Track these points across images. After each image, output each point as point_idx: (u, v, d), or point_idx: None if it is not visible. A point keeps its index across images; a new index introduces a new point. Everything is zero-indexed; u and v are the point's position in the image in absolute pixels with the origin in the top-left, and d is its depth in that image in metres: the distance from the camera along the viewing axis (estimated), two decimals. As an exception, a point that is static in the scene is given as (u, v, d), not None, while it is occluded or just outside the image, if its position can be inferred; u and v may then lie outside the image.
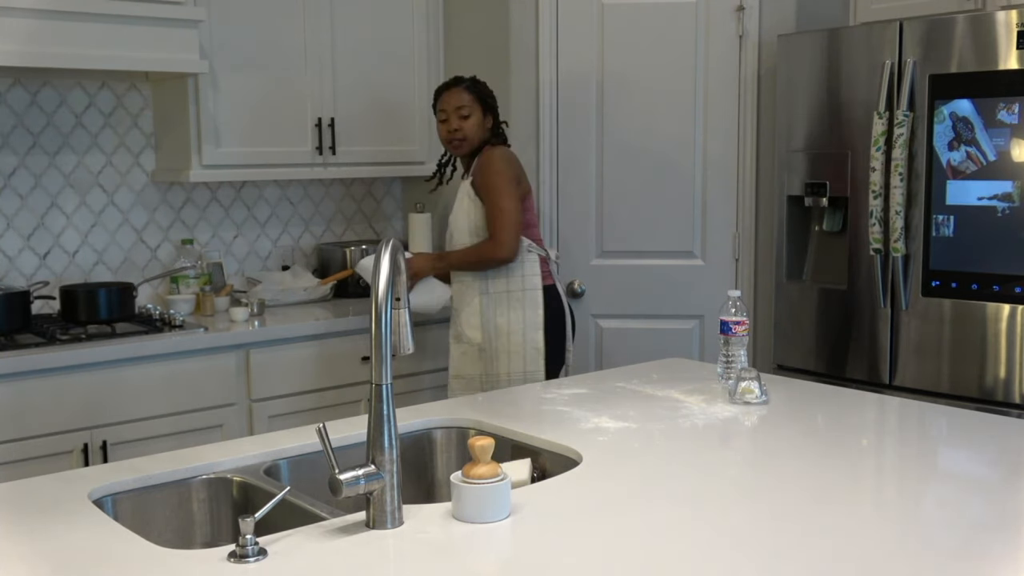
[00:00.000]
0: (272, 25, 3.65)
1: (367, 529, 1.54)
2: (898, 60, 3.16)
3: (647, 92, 3.73)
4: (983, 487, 1.71)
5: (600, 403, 2.27)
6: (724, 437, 2.04)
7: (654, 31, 3.71)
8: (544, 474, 1.95)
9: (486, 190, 3.18)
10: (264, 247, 4.05)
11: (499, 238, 3.15)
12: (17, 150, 3.49)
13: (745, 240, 3.76)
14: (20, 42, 2.99)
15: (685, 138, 3.74)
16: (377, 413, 1.55)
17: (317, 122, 3.76)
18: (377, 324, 1.56)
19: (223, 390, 3.29)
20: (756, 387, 2.25)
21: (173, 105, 3.60)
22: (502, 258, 3.17)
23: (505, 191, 3.16)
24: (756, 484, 1.76)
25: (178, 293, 3.67)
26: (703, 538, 1.50)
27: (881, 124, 3.16)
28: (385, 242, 1.62)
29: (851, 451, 1.92)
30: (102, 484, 1.75)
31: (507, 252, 3.16)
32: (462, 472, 1.57)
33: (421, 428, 2.15)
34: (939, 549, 1.45)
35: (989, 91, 2.95)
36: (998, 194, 2.96)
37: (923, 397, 3.04)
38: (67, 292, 3.30)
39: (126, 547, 1.48)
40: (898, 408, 2.28)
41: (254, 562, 1.42)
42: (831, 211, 3.44)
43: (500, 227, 3.15)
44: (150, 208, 3.77)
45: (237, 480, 1.86)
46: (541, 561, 1.43)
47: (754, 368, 2.33)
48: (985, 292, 3.01)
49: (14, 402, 2.91)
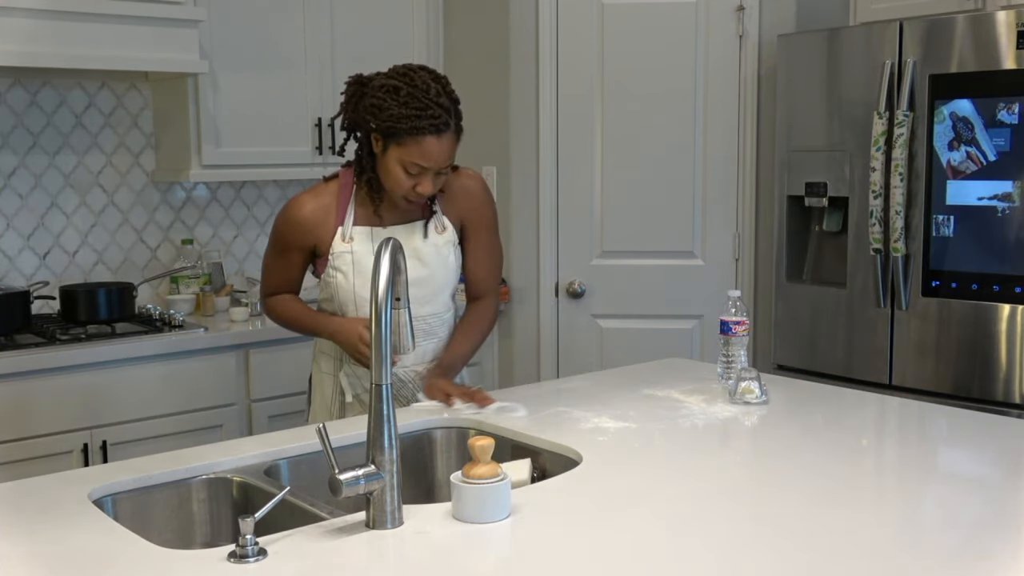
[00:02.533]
0: (272, 25, 3.65)
1: (367, 529, 1.54)
2: (898, 60, 3.16)
3: (647, 92, 3.73)
4: (983, 487, 1.71)
5: (600, 403, 2.27)
6: (724, 437, 2.03)
7: (654, 31, 3.71)
8: (544, 474, 1.95)
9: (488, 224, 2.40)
10: (264, 247, 4.05)
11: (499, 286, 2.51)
12: (17, 150, 3.49)
13: (745, 240, 3.76)
14: (20, 42, 2.99)
15: (685, 138, 3.74)
16: (377, 413, 1.55)
17: (317, 122, 3.76)
18: (377, 324, 1.56)
19: (223, 390, 3.29)
20: (756, 387, 2.25)
21: (173, 105, 3.59)
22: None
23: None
24: (756, 484, 1.76)
25: (178, 293, 3.67)
26: (703, 538, 1.50)
27: (881, 124, 3.16)
28: (385, 243, 1.62)
29: (851, 451, 1.92)
30: (102, 484, 1.75)
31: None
32: (462, 472, 1.57)
33: (421, 428, 2.15)
34: (939, 549, 1.45)
35: (989, 91, 2.95)
36: (998, 194, 2.96)
37: (923, 397, 3.03)
38: (67, 292, 3.30)
39: (126, 547, 1.48)
40: (898, 408, 2.28)
41: (254, 562, 1.42)
42: (831, 211, 3.44)
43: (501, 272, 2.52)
44: (150, 208, 3.77)
45: (237, 480, 1.86)
46: (541, 561, 1.43)
47: (754, 368, 2.33)
48: (985, 292, 3.01)
49: (14, 402, 2.91)
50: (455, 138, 2.19)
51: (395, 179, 2.17)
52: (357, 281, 2.26)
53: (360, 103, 2.21)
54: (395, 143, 2.14)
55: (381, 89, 2.15)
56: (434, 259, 2.31)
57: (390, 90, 2.14)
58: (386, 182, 2.20)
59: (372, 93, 2.17)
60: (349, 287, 2.27)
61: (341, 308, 2.30)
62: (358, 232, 2.28)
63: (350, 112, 2.24)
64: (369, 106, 2.16)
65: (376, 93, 2.16)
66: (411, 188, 2.17)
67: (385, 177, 2.20)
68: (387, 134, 2.14)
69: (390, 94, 2.14)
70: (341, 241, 2.27)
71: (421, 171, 2.15)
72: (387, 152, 2.16)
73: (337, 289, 2.29)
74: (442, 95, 2.16)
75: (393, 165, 2.16)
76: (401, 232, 2.29)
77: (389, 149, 2.16)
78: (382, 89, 2.15)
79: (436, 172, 2.17)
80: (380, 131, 2.15)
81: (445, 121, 2.14)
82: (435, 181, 2.19)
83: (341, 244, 2.27)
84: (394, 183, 2.18)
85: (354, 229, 2.28)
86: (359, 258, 2.26)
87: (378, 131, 2.16)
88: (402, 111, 2.11)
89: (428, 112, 2.11)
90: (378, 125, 2.15)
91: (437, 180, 2.20)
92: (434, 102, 2.13)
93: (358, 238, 2.27)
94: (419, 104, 2.11)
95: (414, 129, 2.11)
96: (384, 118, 2.13)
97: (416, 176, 2.16)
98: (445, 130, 2.14)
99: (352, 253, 2.26)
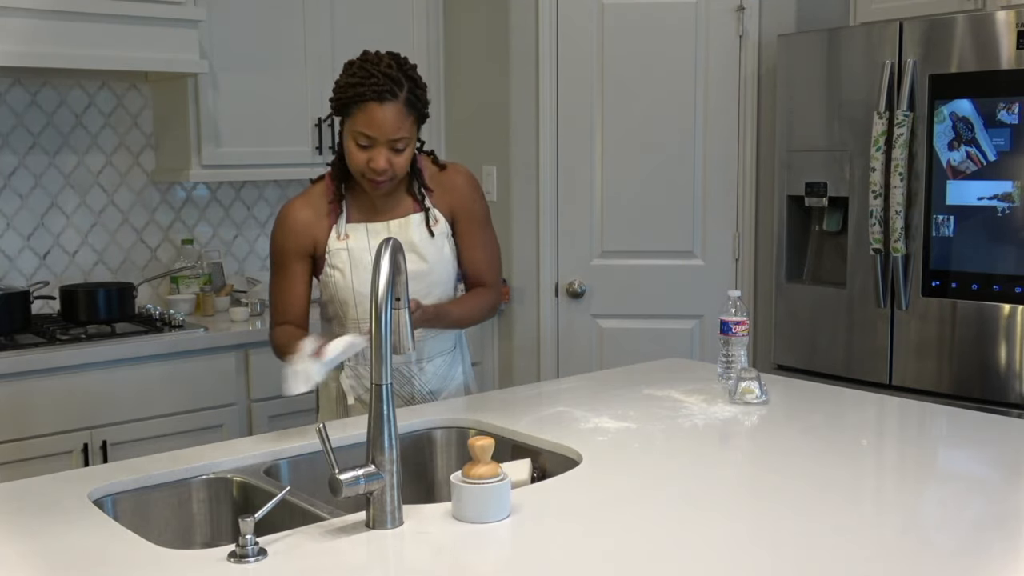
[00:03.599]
0: (272, 25, 3.65)
1: (367, 529, 1.54)
2: (898, 60, 3.16)
3: (647, 92, 3.73)
4: (983, 487, 1.71)
5: (600, 403, 2.27)
6: (724, 437, 2.03)
7: (654, 31, 3.71)
8: (544, 474, 1.95)
9: (479, 218, 2.39)
10: (264, 247, 4.05)
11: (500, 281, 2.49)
12: (17, 150, 3.49)
13: (745, 240, 3.76)
14: (20, 42, 2.99)
15: (685, 138, 3.74)
16: (377, 413, 1.55)
17: (317, 122, 3.76)
18: (377, 324, 1.56)
19: (223, 390, 3.29)
20: (756, 387, 2.25)
21: (173, 105, 3.59)
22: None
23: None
24: (756, 484, 1.76)
25: (178, 293, 3.67)
26: (703, 538, 1.50)
27: (881, 124, 3.16)
28: (385, 242, 1.62)
29: (851, 451, 1.92)
30: (102, 484, 1.75)
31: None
32: (462, 472, 1.57)
33: (421, 428, 2.15)
34: (939, 549, 1.45)
35: (989, 91, 2.95)
36: (998, 194, 2.96)
37: (923, 397, 3.03)
38: (67, 292, 3.30)
39: (126, 547, 1.48)
40: (898, 408, 2.28)
41: (254, 562, 1.42)
42: (831, 211, 3.44)
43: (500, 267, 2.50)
44: (150, 208, 3.77)
45: (237, 480, 1.86)
46: (541, 561, 1.43)
47: (754, 368, 2.33)
48: (985, 292, 3.01)
49: (14, 402, 2.91)
50: (405, 112, 2.15)
51: (350, 155, 2.18)
52: (355, 278, 2.26)
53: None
54: (347, 116, 2.17)
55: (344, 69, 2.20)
56: (431, 252, 2.30)
57: (346, 67, 2.19)
58: (349, 163, 2.21)
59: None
60: (347, 284, 2.27)
61: (342, 306, 2.30)
62: (352, 229, 2.28)
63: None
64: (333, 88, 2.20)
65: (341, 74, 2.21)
66: (365, 164, 2.16)
67: (347, 159, 2.21)
68: (339, 109, 2.18)
69: (345, 70, 2.19)
70: (336, 239, 2.27)
71: (370, 141, 2.15)
72: (344, 130, 2.20)
73: (336, 287, 2.28)
74: (393, 68, 2.15)
75: (348, 141, 2.18)
76: (395, 226, 2.29)
77: (345, 126, 2.19)
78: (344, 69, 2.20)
79: (390, 147, 2.16)
80: (335, 108, 2.19)
81: (389, 89, 2.12)
82: (389, 157, 2.16)
83: (336, 242, 2.27)
84: (350, 160, 2.19)
85: (348, 226, 2.28)
86: (355, 254, 2.26)
87: (334, 110, 2.20)
88: (348, 80, 2.15)
89: (371, 80, 2.12)
90: (333, 103, 2.19)
91: (394, 157, 2.17)
92: (380, 71, 2.13)
93: (353, 235, 2.27)
94: (364, 73, 2.14)
95: (357, 96, 2.13)
96: (336, 92, 2.18)
97: (367, 150, 2.16)
98: (389, 98, 2.13)
99: (348, 250, 2.26)
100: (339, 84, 2.17)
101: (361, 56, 2.20)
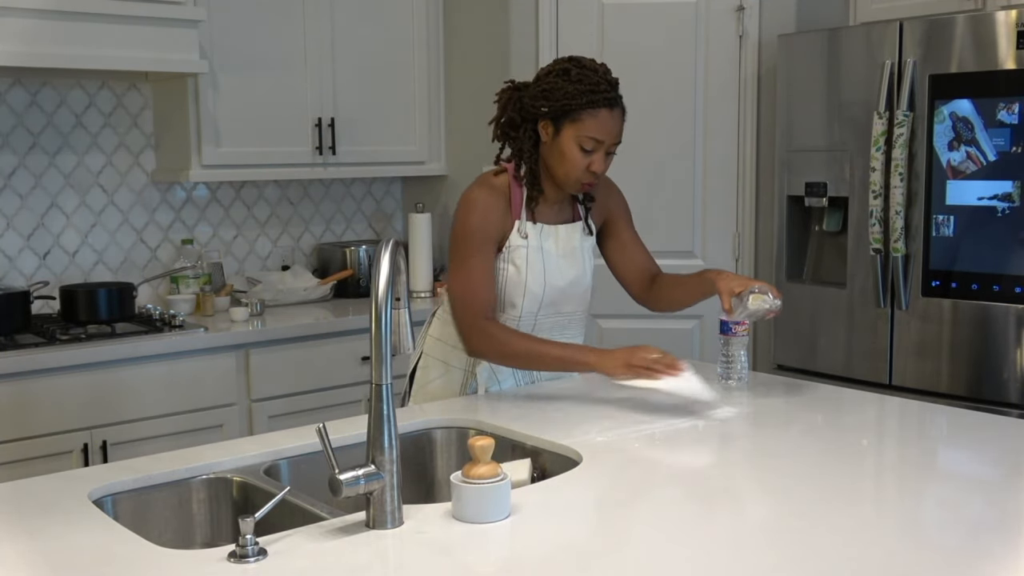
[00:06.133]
0: (272, 25, 3.65)
1: (367, 529, 1.54)
2: (898, 60, 3.16)
3: (647, 92, 3.73)
4: (983, 487, 1.71)
5: (600, 403, 2.27)
6: (724, 437, 2.04)
7: (654, 31, 3.71)
8: (544, 474, 1.95)
9: (630, 218, 2.59)
10: (264, 247, 4.05)
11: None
12: (17, 150, 3.49)
13: (745, 240, 3.76)
14: (20, 42, 2.99)
15: (685, 138, 3.74)
16: (377, 413, 1.55)
17: (317, 122, 3.76)
18: (377, 324, 1.56)
19: (223, 390, 3.29)
20: (769, 300, 2.22)
21: (173, 105, 3.60)
22: None
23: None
24: (756, 484, 1.76)
25: (178, 293, 3.67)
26: (703, 538, 1.50)
27: (881, 124, 3.16)
28: (385, 242, 1.62)
29: (851, 451, 1.92)
30: (102, 484, 1.75)
31: None
32: (462, 472, 1.57)
33: (421, 428, 2.15)
34: (939, 549, 1.45)
35: (989, 91, 2.95)
36: (998, 194, 2.96)
37: (923, 397, 3.03)
38: (67, 292, 3.30)
39: (126, 547, 1.48)
40: (898, 408, 2.28)
41: (254, 562, 1.42)
42: (831, 211, 3.44)
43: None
44: (150, 208, 3.77)
45: (237, 480, 1.86)
46: (541, 561, 1.43)
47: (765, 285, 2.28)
48: (985, 292, 3.01)
49: (14, 402, 2.91)
50: (623, 118, 2.29)
51: (571, 160, 2.25)
52: (529, 276, 2.34)
53: (520, 103, 2.30)
54: (569, 121, 2.23)
55: (550, 75, 2.26)
56: (588, 260, 2.45)
57: (560, 73, 2.25)
58: (561, 167, 2.28)
59: (538, 85, 2.27)
60: (521, 281, 2.34)
61: (509, 300, 2.35)
62: (530, 228, 2.35)
63: (509, 113, 2.31)
64: (539, 94, 2.25)
65: (545, 80, 2.26)
66: (585, 168, 2.25)
67: (560, 162, 2.27)
68: (561, 114, 2.23)
69: (561, 76, 2.24)
70: (518, 235, 2.33)
71: (596, 146, 2.24)
72: (560, 134, 2.25)
73: (507, 282, 2.34)
74: (608, 74, 2.29)
75: (568, 146, 2.24)
76: (563, 231, 2.40)
77: (563, 130, 2.25)
78: (551, 75, 2.26)
79: (607, 151, 2.27)
80: (553, 113, 2.24)
81: (616, 97, 2.26)
82: (606, 160, 2.28)
83: (518, 239, 2.33)
84: (570, 165, 2.26)
85: (527, 225, 2.35)
86: (532, 253, 2.34)
87: (550, 114, 2.24)
88: (576, 88, 2.22)
89: (600, 87, 2.23)
90: (551, 107, 2.23)
91: (608, 160, 2.29)
92: (604, 79, 2.25)
93: (531, 234, 2.35)
94: (591, 80, 2.23)
95: (590, 103, 2.21)
96: (558, 98, 2.23)
97: (591, 154, 2.24)
98: (616, 105, 2.26)
99: (527, 248, 2.34)
100: (564, 92, 2.22)
101: (573, 63, 2.26)
